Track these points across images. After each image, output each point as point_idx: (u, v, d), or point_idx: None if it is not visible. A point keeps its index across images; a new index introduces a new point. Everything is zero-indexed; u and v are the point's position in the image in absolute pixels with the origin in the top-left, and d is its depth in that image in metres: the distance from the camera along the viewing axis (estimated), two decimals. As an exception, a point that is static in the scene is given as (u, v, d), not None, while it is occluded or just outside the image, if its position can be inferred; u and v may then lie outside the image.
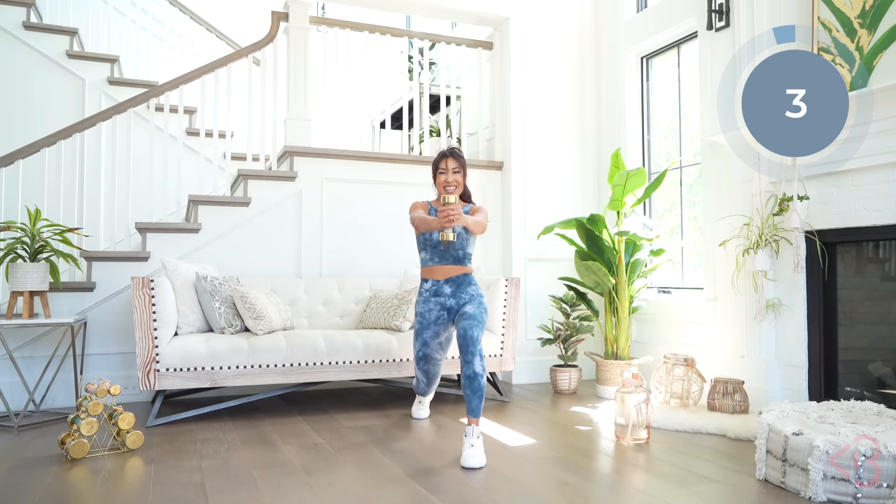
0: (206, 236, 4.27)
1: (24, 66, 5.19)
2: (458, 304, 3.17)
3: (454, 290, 3.19)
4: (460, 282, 3.20)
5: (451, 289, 3.19)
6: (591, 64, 5.14)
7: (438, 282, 3.20)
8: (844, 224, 3.31)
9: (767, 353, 3.65)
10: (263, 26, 6.16)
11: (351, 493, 2.37)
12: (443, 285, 3.20)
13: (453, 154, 3.20)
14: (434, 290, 3.21)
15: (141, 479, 2.53)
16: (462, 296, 3.18)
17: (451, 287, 3.19)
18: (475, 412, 2.84)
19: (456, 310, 3.17)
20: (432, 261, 3.22)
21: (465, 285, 3.20)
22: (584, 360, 4.87)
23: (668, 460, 2.79)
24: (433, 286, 3.21)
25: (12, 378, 3.82)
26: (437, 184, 3.24)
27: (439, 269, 3.21)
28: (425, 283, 3.24)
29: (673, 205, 4.67)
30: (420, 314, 3.23)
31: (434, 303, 3.20)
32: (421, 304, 3.24)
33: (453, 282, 3.20)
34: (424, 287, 3.24)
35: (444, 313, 3.19)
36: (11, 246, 3.56)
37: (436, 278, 3.21)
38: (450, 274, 3.20)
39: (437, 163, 3.22)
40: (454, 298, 3.18)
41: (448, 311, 3.19)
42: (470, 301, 3.16)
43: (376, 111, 6.24)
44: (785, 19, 3.61)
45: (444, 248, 3.18)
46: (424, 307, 3.22)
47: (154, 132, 4.62)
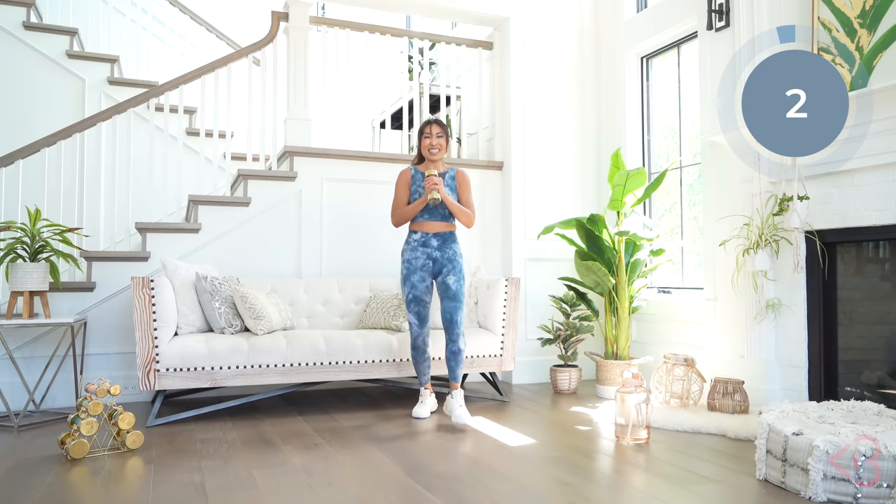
0: (206, 236, 4.27)
1: (24, 66, 5.19)
2: (442, 256, 3.59)
3: (440, 244, 3.61)
4: (446, 237, 3.63)
5: (437, 242, 3.61)
6: (591, 64, 5.14)
7: (427, 234, 3.61)
8: (844, 224, 3.31)
9: (767, 353, 3.65)
10: (263, 26, 6.17)
11: (351, 493, 2.37)
12: (431, 238, 3.61)
13: (437, 121, 3.66)
14: (422, 241, 3.61)
15: (141, 479, 2.53)
16: (447, 251, 3.60)
17: (438, 241, 3.61)
18: (458, 377, 3.60)
19: (440, 263, 3.59)
20: (422, 217, 3.62)
21: (450, 241, 3.63)
22: (584, 360, 4.87)
23: (668, 460, 2.79)
24: (422, 237, 3.61)
25: (12, 378, 3.82)
26: (421, 147, 3.67)
27: (429, 223, 3.62)
28: (414, 234, 3.64)
29: (673, 205, 4.67)
30: (408, 261, 3.60)
31: (421, 252, 3.59)
32: (409, 252, 3.61)
33: (440, 237, 3.62)
34: (413, 238, 3.63)
35: (429, 262, 3.59)
36: (11, 246, 3.56)
37: (425, 231, 3.62)
38: (438, 229, 3.62)
39: (423, 128, 3.67)
40: (439, 251, 3.60)
41: (433, 260, 3.60)
42: (453, 264, 3.59)
43: (376, 111, 6.24)
44: (785, 19, 3.61)
45: (432, 206, 3.59)
46: (412, 255, 3.59)
47: (154, 132, 4.62)
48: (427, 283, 3.59)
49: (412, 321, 3.58)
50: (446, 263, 3.58)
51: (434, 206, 3.58)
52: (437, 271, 3.60)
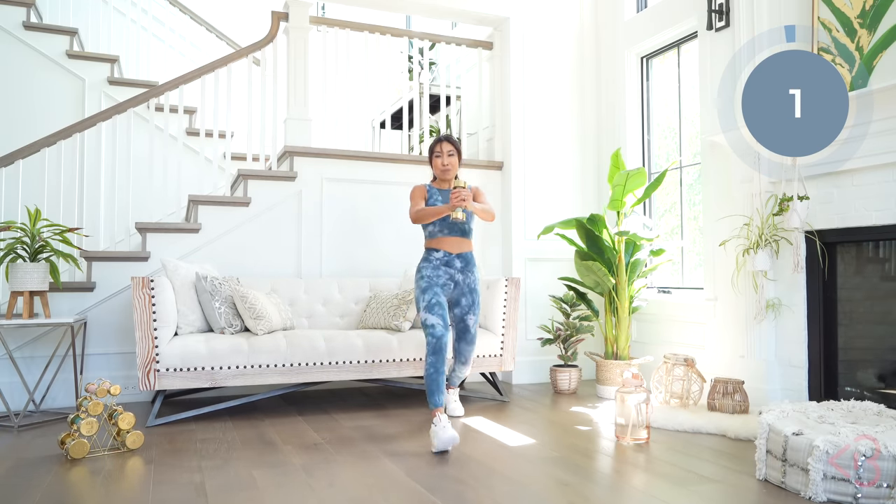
0: (206, 236, 4.27)
1: (24, 66, 5.19)
2: (464, 281, 3.42)
3: (463, 266, 3.43)
4: (468, 260, 3.46)
5: (461, 264, 3.43)
6: (591, 64, 5.14)
7: (450, 254, 3.41)
8: (844, 224, 3.31)
9: (767, 353, 3.65)
10: (263, 26, 6.18)
11: (351, 493, 2.37)
12: (454, 258, 3.42)
13: (448, 138, 3.46)
14: (445, 261, 3.40)
15: (141, 479, 2.53)
16: (469, 275, 3.44)
17: (462, 263, 3.43)
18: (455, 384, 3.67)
19: (461, 290, 3.42)
20: (441, 232, 3.42)
21: (472, 265, 3.47)
22: (584, 360, 4.87)
23: (668, 460, 2.79)
24: (445, 256, 3.40)
25: (12, 378, 3.82)
26: (433, 166, 3.49)
27: (450, 240, 3.42)
28: (435, 252, 3.41)
29: (673, 205, 4.67)
30: (428, 276, 3.34)
31: (444, 271, 3.39)
32: (430, 269, 3.37)
33: (463, 258, 3.44)
34: (435, 255, 3.40)
35: (450, 283, 3.40)
36: (11, 246, 3.56)
37: (447, 250, 3.41)
38: (461, 248, 3.44)
39: (433, 147, 3.48)
40: (462, 275, 3.42)
41: (455, 283, 3.41)
42: (474, 296, 3.44)
43: (376, 111, 6.24)
44: (785, 19, 3.61)
45: (451, 221, 3.40)
46: (434, 272, 3.36)
47: (154, 132, 4.62)
48: (444, 298, 3.34)
49: (435, 322, 3.15)
50: (467, 293, 3.41)
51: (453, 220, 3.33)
52: (457, 298, 3.42)
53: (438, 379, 3.08)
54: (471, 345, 3.49)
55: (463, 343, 3.49)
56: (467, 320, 3.45)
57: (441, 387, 3.08)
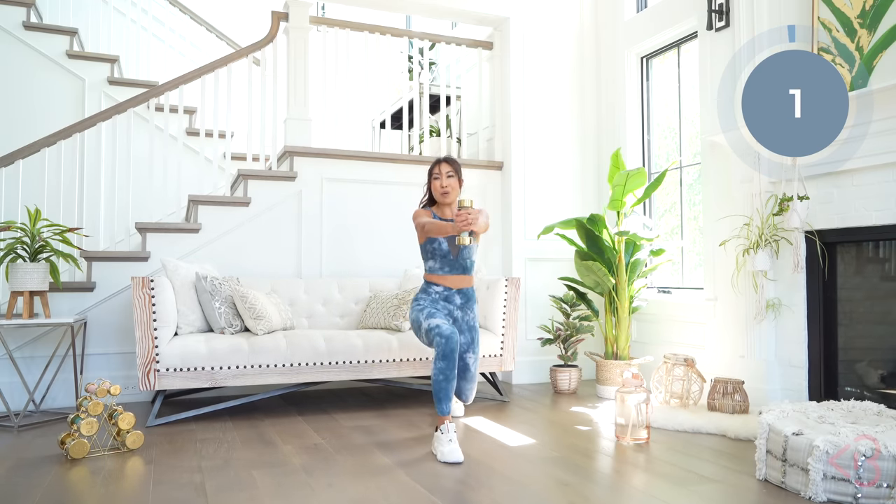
0: (206, 236, 4.27)
1: (24, 66, 5.19)
2: (463, 318, 3.27)
3: (463, 303, 3.28)
4: (469, 296, 3.30)
5: (461, 300, 3.28)
6: (591, 64, 5.14)
7: (451, 290, 3.25)
8: (844, 224, 3.31)
9: (767, 353, 3.65)
10: (263, 26, 6.16)
11: (351, 493, 2.37)
12: (455, 294, 3.26)
13: (447, 159, 3.28)
14: (445, 296, 3.24)
15: (141, 479, 2.53)
16: (468, 312, 3.29)
17: (462, 299, 3.28)
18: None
19: (459, 326, 3.25)
20: (442, 270, 3.24)
21: (472, 301, 3.31)
22: (584, 360, 4.87)
23: (668, 460, 2.79)
24: (445, 291, 3.24)
25: (12, 378, 3.82)
26: (432, 189, 3.30)
27: (450, 278, 3.24)
28: (435, 286, 3.24)
29: (673, 205, 4.67)
30: (426, 307, 3.16)
31: (443, 306, 3.23)
32: (429, 302, 3.20)
33: (464, 294, 3.29)
34: (434, 289, 3.24)
35: (449, 318, 3.22)
36: (11, 246, 3.56)
37: (447, 286, 3.24)
38: (462, 285, 3.27)
39: (432, 169, 3.30)
40: (461, 311, 3.28)
41: (454, 319, 3.26)
42: (473, 334, 3.27)
43: (376, 111, 6.24)
44: (785, 19, 3.61)
45: (453, 258, 3.21)
46: (433, 306, 3.18)
47: (154, 132, 4.62)
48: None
49: (440, 322, 3.01)
50: (465, 331, 3.25)
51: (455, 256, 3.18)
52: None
53: (448, 387, 2.93)
54: (471, 382, 3.30)
55: (463, 381, 3.28)
56: (466, 359, 3.25)
57: (450, 394, 2.94)
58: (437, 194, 3.26)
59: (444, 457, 2.77)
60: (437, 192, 3.26)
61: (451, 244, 3.20)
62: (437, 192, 3.26)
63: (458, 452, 2.78)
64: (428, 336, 3.02)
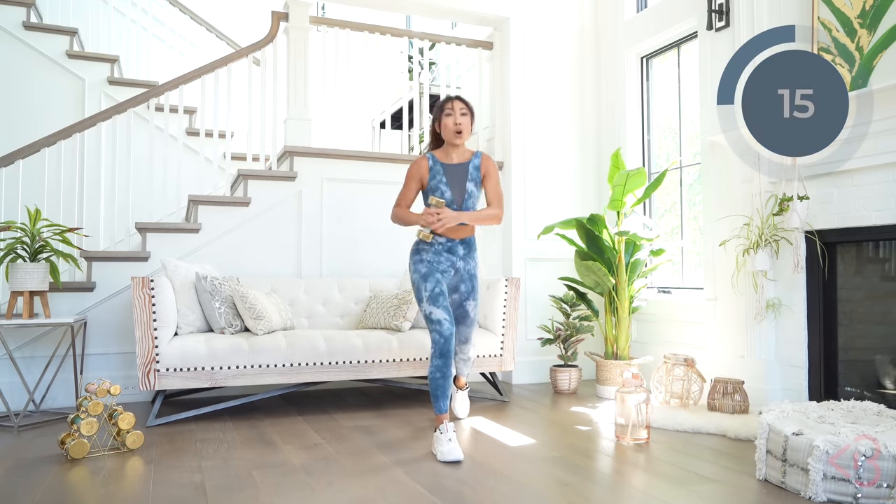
0: (206, 236, 4.27)
1: (24, 66, 5.19)
2: (465, 268, 3.22)
3: (466, 252, 3.22)
4: (471, 245, 3.25)
5: (464, 251, 3.20)
6: (591, 64, 5.14)
7: (453, 240, 3.17)
8: (844, 224, 3.31)
9: (767, 353, 3.65)
10: (263, 26, 6.15)
11: (351, 493, 2.37)
12: (457, 245, 3.18)
13: (460, 97, 3.12)
14: (448, 247, 3.16)
15: (141, 479, 2.53)
16: (470, 261, 3.24)
17: (465, 249, 3.21)
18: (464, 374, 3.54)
19: (461, 276, 3.22)
20: None
21: (473, 250, 3.26)
22: (584, 360, 4.87)
23: (668, 460, 2.79)
24: (448, 242, 3.16)
25: (12, 378, 3.82)
26: (441, 127, 3.11)
27: (453, 229, 3.14)
28: (438, 237, 3.14)
29: (673, 205, 4.67)
30: (429, 262, 3.12)
31: (446, 258, 3.16)
32: (432, 254, 3.13)
33: (466, 244, 3.22)
34: (437, 240, 3.15)
35: (451, 270, 3.19)
36: (11, 246, 3.56)
37: (451, 236, 3.16)
38: (464, 234, 3.19)
39: (443, 104, 3.10)
40: (464, 262, 3.21)
41: (456, 270, 3.21)
42: (473, 282, 3.25)
43: (376, 111, 6.24)
44: (785, 19, 3.61)
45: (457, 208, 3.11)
46: (436, 258, 3.13)
47: (154, 132, 4.62)
48: (445, 284, 3.18)
49: (441, 317, 2.96)
50: (466, 279, 3.22)
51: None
52: (455, 285, 3.23)
53: (444, 384, 2.93)
54: (470, 327, 3.32)
55: (462, 326, 3.29)
56: (466, 306, 3.25)
57: (447, 392, 2.95)
58: (450, 133, 3.07)
59: (444, 456, 2.76)
60: (450, 130, 3.06)
61: (453, 191, 3.12)
62: (448, 129, 3.07)
63: (458, 451, 2.78)
64: (427, 321, 3.00)
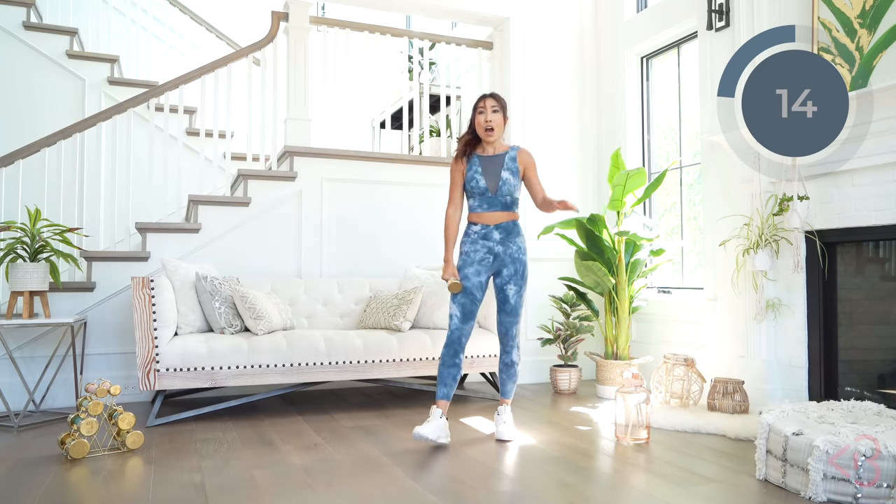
0: (206, 236, 4.27)
1: (24, 66, 5.19)
2: (504, 252, 3.17)
3: (503, 237, 3.17)
4: (509, 230, 3.19)
5: (500, 235, 3.17)
6: (591, 64, 5.14)
7: (488, 226, 3.18)
8: (844, 224, 3.31)
9: (767, 353, 3.65)
10: (263, 26, 6.16)
11: (351, 493, 2.37)
12: (492, 230, 3.17)
13: (493, 94, 3.19)
14: (483, 234, 3.18)
15: (141, 479, 2.53)
16: (510, 245, 3.17)
17: (501, 234, 3.18)
18: (508, 394, 3.26)
19: (502, 260, 3.17)
20: (481, 207, 3.20)
21: (514, 234, 3.19)
22: (584, 360, 4.87)
23: (668, 460, 2.79)
24: (482, 229, 3.18)
25: (12, 378, 3.82)
26: (476, 124, 3.20)
27: (488, 214, 3.18)
28: (474, 225, 3.21)
29: (673, 205, 4.67)
30: (465, 252, 3.19)
31: (482, 245, 3.17)
32: (468, 244, 3.19)
33: (503, 228, 3.18)
34: (473, 229, 3.21)
35: (489, 256, 3.17)
36: (11, 246, 3.56)
37: (485, 223, 3.19)
38: (500, 220, 3.18)
39: (477, 103, 3.20)
40: (502, 246, 3.17)
41: (494, 256, 3.17)
42: (516, 265, 3.17)
43: (376, 111, 6.24)
44: (785, 19, 3.61)
45: (492, 195, 3.17)
46: (471, 247, 3.18)
47: (154, 132, 4.62)
48: (483, 278, 3.17)
49: (454, 313, 3.11)
50: (508, 263, 3.16)
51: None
52: (498, 269, 3.19)
53: (444, 372, 3.09)
54: (511, 316, 3.18)
55: (503, 314, 3.20)
56: (507, 290, 3.17)
57: (445, 380, 3.08)
58: (481, 130, 3.17)
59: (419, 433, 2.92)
60: (481, 128, 3.17)
61: (488, 180, 3.17)
62: (479, 127, 3.17)
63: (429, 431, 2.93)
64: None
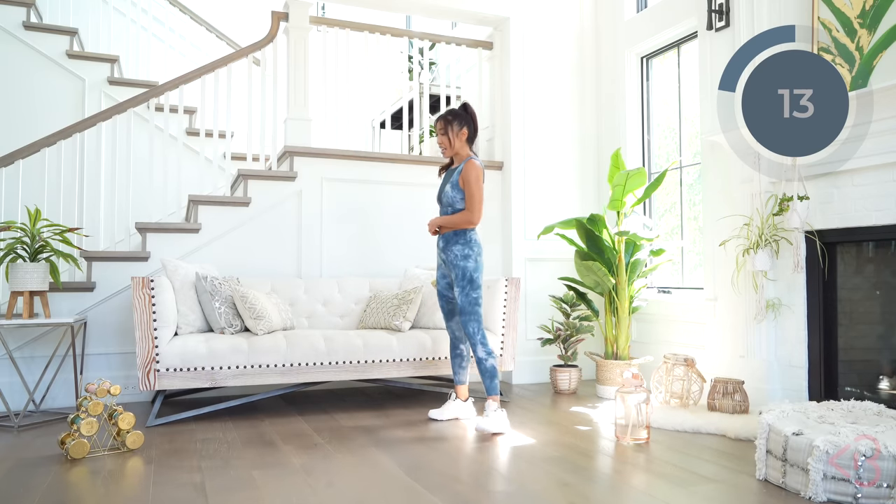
0: (206, 236, 4.27)
1: (24, 66, 5.19)
2: (447, 259, 3.47)
3: (444, 245, 3.49)
4: (448, 238, 3.48)
5: (442, 244, 3.50)
6: (591, 64, 5.14)
7: (438, 235, 3.55)
8: (844, 224, 3.31)
9: (767, 353, 3.65)
10: (263, 26, 6.16)
11: (351, 493, 2.37)
12: (439, 239, 3.53)
13: (440, 116, 3.50)
14: (438, 243, 3.55)
15: (141, 479, 2.53)
16: (449, 252, 3.45)
17: (442, 242, 3.50)
18: (489, 390, 3.40)
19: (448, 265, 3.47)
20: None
21: (451, 243, 3.46)
22: (584, 360, 4.87)
23: (668, 460, 2.79)
24: (438, 239, 3.55)
25: (12, 378, 3.82)
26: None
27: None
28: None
29: (673, 205, 4.67)
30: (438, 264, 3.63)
31: (438, 253, 3.56)
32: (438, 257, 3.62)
33: (443, 238, 3.50)
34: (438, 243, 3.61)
35: (442, 263, 3.55)
36: (11, 246, 3.56)
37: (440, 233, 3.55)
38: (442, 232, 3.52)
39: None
40: (444, 253, 3.49)
41: (444, 262, 3.52)
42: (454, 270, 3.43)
43: (376, 111, 6.24)
44: (785, 19, 3.61)
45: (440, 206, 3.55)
46: (438, 259, 3.60)
47: (154, 132, 4.62)
48: (447, 280, 3.55)
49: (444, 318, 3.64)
50: (451, 268, 3.46)
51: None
52: (447, 274, 3.55)
53: (451, 361, 3.63)
54: (461, 315, 3.42)
55: (457, 315, 3.57)
56: (454, 292, 3.48)
57: (454, 368, 3.61)
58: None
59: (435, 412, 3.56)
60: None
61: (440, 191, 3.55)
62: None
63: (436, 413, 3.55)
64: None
